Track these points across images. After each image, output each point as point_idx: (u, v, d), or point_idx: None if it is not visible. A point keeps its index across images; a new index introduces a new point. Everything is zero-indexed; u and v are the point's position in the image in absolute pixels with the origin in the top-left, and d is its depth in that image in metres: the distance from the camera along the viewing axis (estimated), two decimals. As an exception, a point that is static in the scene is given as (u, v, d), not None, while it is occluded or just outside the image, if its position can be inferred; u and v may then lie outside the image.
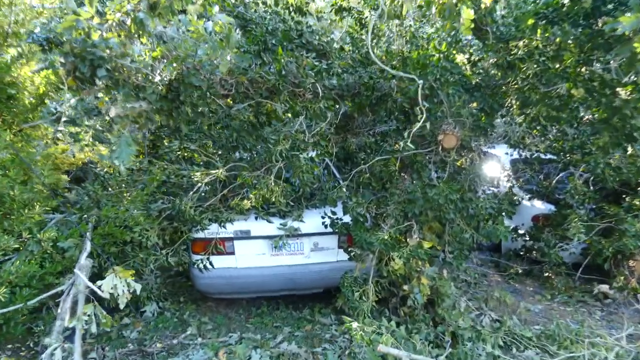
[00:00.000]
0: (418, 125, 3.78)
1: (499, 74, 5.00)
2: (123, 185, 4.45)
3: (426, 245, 4.23)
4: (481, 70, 5.27)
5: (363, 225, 4.46)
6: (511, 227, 6.77)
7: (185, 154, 4.70)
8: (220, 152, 4.63)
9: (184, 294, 4.98)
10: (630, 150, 4.94)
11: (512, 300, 5.05)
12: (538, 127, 6.27)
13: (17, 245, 3.72)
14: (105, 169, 4.66)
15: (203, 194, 4.56)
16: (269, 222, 4.62)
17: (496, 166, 7.65)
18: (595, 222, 5.59)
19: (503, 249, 7.27)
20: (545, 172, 6.96)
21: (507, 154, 7.36)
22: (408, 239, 4.54)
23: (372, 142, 5.05)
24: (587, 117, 5.32)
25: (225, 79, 4.06)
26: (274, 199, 4.02)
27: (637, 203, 5.48)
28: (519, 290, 5.89)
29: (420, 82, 3.64)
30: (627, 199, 5.75)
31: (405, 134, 3.99)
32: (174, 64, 3.48)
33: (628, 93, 4.24)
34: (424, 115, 3.69)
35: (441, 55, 4.32)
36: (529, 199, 6.80)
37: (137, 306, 4.69)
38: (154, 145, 5.20)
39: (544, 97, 4.60)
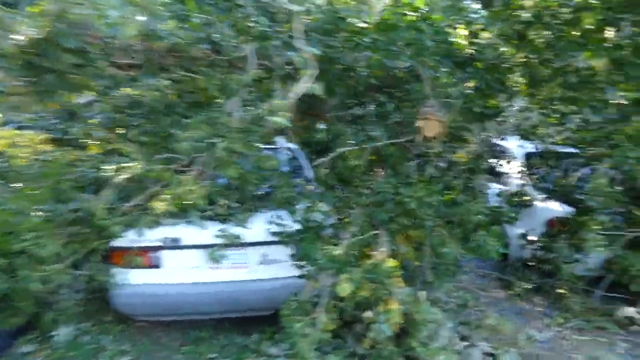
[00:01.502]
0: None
1: (500, 46, 3.97)
2: (24, 179, 3.60)
3: (390, 264, 3.27)
4: (482, 41, 4.24)
5: (316, 234, 3.53)
6: (520, 233, 5.75)
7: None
8: (146, 141, 3.72)
9: (110, 313, 4.15)
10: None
11: (511, 328, 4.06)
12: (552, 113, 5.20)
13: None
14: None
15: (122, 192, 3.67)
16: (203, 228, 3.72)
17: (507, 161, 6.58)
18: (621, 229, 4.51)
19: (510, 257, 6.22)
20: (564, 168, 5.86)
21: (520, 146, 6.26)
22: (375, 253, 3.59)
23: (339, 129, 4.09)
24: (614, 99, 4.25)
25: (132, 45, 3.16)
26: (193, 200, 3.12)
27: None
28: (525, 311, 4.87)
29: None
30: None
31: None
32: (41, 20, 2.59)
33: (669, 64, 3.18)
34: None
35: (419, 15, 3.32)
36: (544, 199, 5.73)
37: (46, 329, 3.86)
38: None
39: (557, 73, 3.55)
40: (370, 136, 3.84)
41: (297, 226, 3.65)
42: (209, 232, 3.72)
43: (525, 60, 3.70)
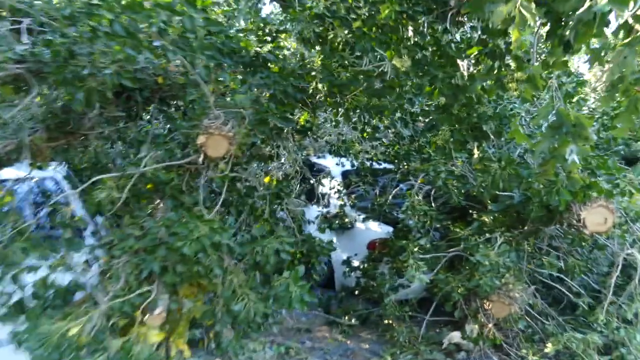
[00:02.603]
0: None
1: (300, 50, 3.37)
2: None
3: (151, 338, 2.32)
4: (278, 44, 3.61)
5: (46, 307, 2.42)
6: (343, 259, 5.26)
7: None
8: None
9: None
10: (476, 153, 3.62)
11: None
12: (365, 126, 4.83)
13: None
14: None
15: None
16: None
17: (325, 180, 6.13)
18: (441, 249, 4.23)
19: (336, 285, 5.72)
20: (382, 185, 5.58)
21: (338, 164, 5.84)
22: (147, 316, 2.61)
23: (97, 151, 3.04)
24: (421, 105, 3.96)
25: None
26: None
27: (487, 220, 4.23)
28: (352, 351, 4.29)
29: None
30: (475, 215, 4.52)
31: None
32: None
33: (472, 63, 2.86)
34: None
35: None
36: (364, 220, 5.34)
37: None
38: None
39: (358, 77, 3.04)
40: (139, 158, 2.87)
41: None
42: None
43: (324, 64, 3.12)
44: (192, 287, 2.98)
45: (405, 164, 5.04)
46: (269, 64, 3.03)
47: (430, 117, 2.79)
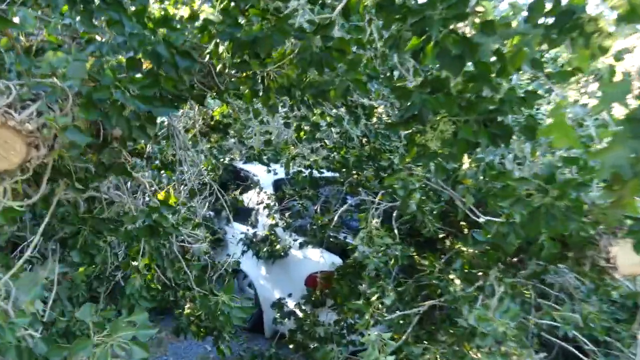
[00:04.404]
0: None
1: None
2: None
3: None
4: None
5: None
6: (274, 301, 3.96)
7: None
8: None
9: None
10: (466, 161, 2.41)
11: None
12: (302, 122, 3.57)
13: None
14: None
15: None
16: None
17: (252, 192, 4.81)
18: (409, 305, 2.99)
19: (266, 330, 4.41)
20: (325, 200, 4.30)
21: (270, 171, 4.49)
22: None
23: None
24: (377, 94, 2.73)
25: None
26: None
27: (468, 253, 3.06)
28: None
29: None
30: (448, 241, 3.35)
31: None
32: None
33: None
34: None
35: None
36: (300, 246, 4.05)
37: None
38: None
39: (283, 30, 1.73)
40: None
41: None
42: None
43: (225, 9, 1.80)
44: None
45: (355, 172, 3.80)
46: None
47: (410, 100, 1.53)
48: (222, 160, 4.82)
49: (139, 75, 1.65)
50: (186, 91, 2.44)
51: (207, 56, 1.93)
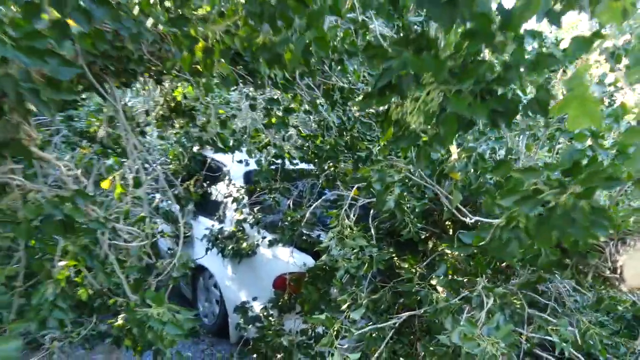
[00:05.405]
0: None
1: None
2: None
3: None
4: None
5: None
6: (238, 304, 3.58)
7: None
8: None
9: None
10: (454, 151, 2.05)
11: None
12: (276, 107, 3.21)
13: None
14: None
15: None
16: None
17: (221, 184, 4.42)
18: (382, 301, 2.66)
19: (231, 335, 4.02)
20: (298, 194, 3.92)
21: (240, 161, 4.06)
22: None
23: None
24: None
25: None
26: None
27: (454, 257, 2.71)
28: None
29: None
30: (430, 242, 3.00)
31: None
32: None
33: None
34: None
35: None
36: (269, 244, 3.67)
37: None
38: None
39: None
40: None
41: None
42: None
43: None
44: None
45: (331, 164, 3.44)
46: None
47: (387, 62, 1.17)
48: (189, 148, 4.43)
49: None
50: (134, 63, 2.06)
51: (137, 8, 1.54)
